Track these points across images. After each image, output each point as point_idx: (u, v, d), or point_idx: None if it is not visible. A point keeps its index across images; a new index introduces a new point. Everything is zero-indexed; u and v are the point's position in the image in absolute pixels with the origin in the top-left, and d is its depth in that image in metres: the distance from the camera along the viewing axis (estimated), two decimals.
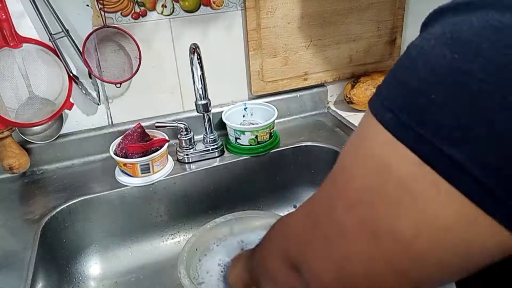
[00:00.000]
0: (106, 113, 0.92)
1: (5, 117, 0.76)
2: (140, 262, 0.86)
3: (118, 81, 0.85)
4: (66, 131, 0.90)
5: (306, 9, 0.95)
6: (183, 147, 0.89)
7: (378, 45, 1.06)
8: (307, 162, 0.94)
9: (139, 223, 0.86)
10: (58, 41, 0.79)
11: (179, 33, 0.89)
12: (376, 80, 1.02)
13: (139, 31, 0.86)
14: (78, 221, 0.80)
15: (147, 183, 0.83)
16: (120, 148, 0.83)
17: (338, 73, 1.05)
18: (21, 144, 0.84)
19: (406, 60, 0.26)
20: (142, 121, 0.90)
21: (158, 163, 0.83)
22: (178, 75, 0.93)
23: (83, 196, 0.80)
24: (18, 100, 0.79)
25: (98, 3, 0.80)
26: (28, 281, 0.61)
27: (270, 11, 0.92)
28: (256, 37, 0.93)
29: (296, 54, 0.99)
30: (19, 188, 0.84)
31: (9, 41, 0.75)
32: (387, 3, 1.01)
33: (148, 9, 0.85)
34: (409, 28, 1.08)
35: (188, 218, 0.91)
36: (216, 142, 0.90)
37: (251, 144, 0.89)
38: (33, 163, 0.87)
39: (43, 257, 0.70)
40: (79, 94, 0.86)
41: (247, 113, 0.98)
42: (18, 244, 0.69)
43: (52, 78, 0.81)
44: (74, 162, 0.90)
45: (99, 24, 0.82)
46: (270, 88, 1.00)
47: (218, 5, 0.89)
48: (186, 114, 0.96)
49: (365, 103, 1.01)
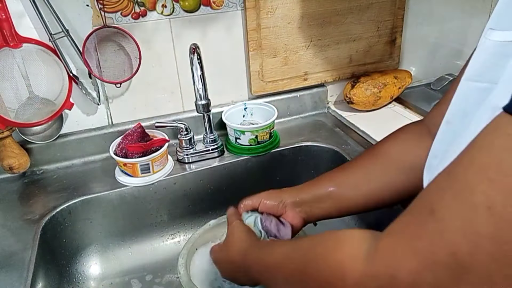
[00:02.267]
0: (106, 113, 0.92)
1: (5, 117, 0.76)
2: (140, 262, 0.86)
3: (118, 81, 0.85)
4: (66, 131, 0.90)
5: (306, 9, 0.95)
6: (183, 147, 0.89)
7: (378, 45, 1.06)
8: (307, 162, 0.94)
9: (139, 223, 0.86)
10: (58, 41, 0.79)
11: (179, 33, 0.89)
12: (376, 80, 1.02)
13: (139, 31, 0.86)
14: (78, 221, 0.80)
15: (147, 183, 0.83)
16: (120, 148, 0.83)
17: (338, 73, 1.05)
18: (21, 144, 0.84)
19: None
20: (142, 121, 0.90)
21: (158, 163, 0.83)
22: (178, 75, 0.93)
23: (83, 196, 0.80)
24: (18, 100, 0.79)
25: (98, 3, 0.80)
26: (28, 281, 0.61)
27: (270, 11, 0.92)
28: (256, 37, 0.93)
29: (296, 54, 0.99)
30: (19, 188, 0.84)
31: (9, 41, 0.75)
32: (387, 3, 1.01)
33: (148, 9, 0.85)
34: (409, 28, 1.08)
35: (188, 218, 0.91)
36: (216, 142, 0.90)
37: (251, 144, 0.89)
38: (33, 163, 0.87)
39: (43, 257, 0.70)
40: (79, 94, 0.86)
41: (247, 113, 0.98)
42: (18, 244, 0.69)
43: (52, 78, 0.81)
44: (74, 162, 0.90)
45: (99, 24, 0.82)
46: (270, 88, 1.00)
47: (218, 5, 0.89)
48: (186, 114, 0.96)
49: (365, 103, 1.01)
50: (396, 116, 1.03)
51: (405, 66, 1.13)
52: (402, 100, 1.08)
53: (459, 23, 1.13)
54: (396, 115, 1.03)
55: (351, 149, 0.90)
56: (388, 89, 1.02)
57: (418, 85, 1.15)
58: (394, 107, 1.07)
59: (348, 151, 0.90)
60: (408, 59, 1.13)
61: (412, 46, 1.11)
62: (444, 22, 1.12)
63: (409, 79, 1.08)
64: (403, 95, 1.08)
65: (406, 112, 1.03)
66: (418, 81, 1.16)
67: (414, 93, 1.11)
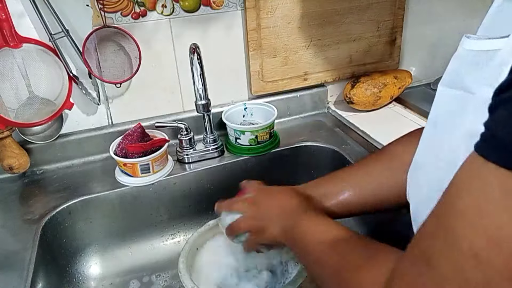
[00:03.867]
0: (106, 113, 0.92)
1: (5, 117, 0.76)
2: (140, 262, 0.86)
3: (118, 81, 0.85)
4: (66, 131, 0.90)
5: (306, 9, 0.95)
6: (183, 147, 0.89)
7: (378, 45, 1.06)
8: (307, 162, 0.94)
9: (139, 223, 0.86)
10: (58, 41, 0.79)
11: (179, 33, 0.89)
12: (376, 80, 1.02)
13: (139, 31, 0.86)
14: (78, 221, 0.80)
15: (147, 183, 0.83)
16: (120, 148, 0.83)
17: (338, 73, 1.05)
18: (21, 144, 0.84)
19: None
20: (142, 121, 0.90)
21: (158, 163, 0.83)
22: (178, 75, 0.93)
23: (83, 196, 0.80)
24: (18, 100, 0.79)
25: (98, 3, 0.80)
26: (28, 281, 0.61)
27: (270, 11, 0.92)
28: (256, 37, 0.93)
29: (296, 54, 0.99)
30: (19, 188, 0.84)
31: (9, 41, 0.75)
32: (387, 3, 1.01)
33: (148, 9, 0.85)
34: (409, 28, 1.08)
35: (188, 218, 0.91)
36: (216, 142, 0.90)
37: (251, 144, 0.89)
38: (33, 163, 0.87)
39: (43, 257, 0.70)
40: (79, 94, 0.86)
41: (247, 113, 0.98)
42: (18, 244, 0.69)
43: (52, 78, 0.81)
44: (74, 162, 0.90)
45: (99, 24, 0.82)
46: (270, 88, 1.00)
47: (218, 5, 0.89)
48: (186, 114, 0.96)
49: (365, 103, 1.01)
50: (396, 116, 1.03)
51: (405, 66, 1.13)
52: (402, 100, 1.08)
53: (459, 23, 1.13)
54: (396, 115, 1.03)
55: (351, 149, 0.90)
56: (388, 89, 1.02)
57: (418, 85, 1.15)
58: (394, 107, 1.07)
59: (348, 151, 0.90)
60: (408, 59, 1.13)
61: (412, 46, 1.11)
62: (444, 22, 1.12)
63: (409, 79, 1.08)
64: (403, 95, 1.08)
65: (406, 112, 1.03)
66: (418, 81, 1.16)
67: (414, 93, 1.11)
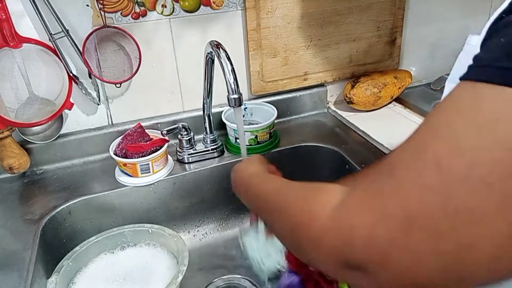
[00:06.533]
0: (106, 113, 0.92)
1: (5, 117, 0.76)
2: None
3: (118, 81, 0.85)
4: (66, 131, 0.90)
5: (306, 9, 0.95)
6: (183, 147, 0.89)
7: (378, 45, 1.06)
8: (307, 162, 0.94)
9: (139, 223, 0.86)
10: (58, 41, 0.79)
11: (179, 33, 0.89)
12: (376, 80, 1.02)
13: (139, 31, 0.86)
14: (78, 221, 0.80)
15: (147, 183, 0.83)
16: (120, 148, 0.83)
17: (338, 73, 1.05)
18: (21, 144, 0.84)
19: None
20: (142, 121, 0.90)
21: (158, 163, 0.83)
22: (178, 75, 0.93)
23: (83, 196, 0.80)
24: (18, 100, 0.79)
25: (98, 3, 0.80)
26: (28, 281, 0.61)
27: (270, 11, 0.92)
28: (256, 37, 0.93)
29: (296, 54, 0.99)
30: (19, 188, 0.84)
31: (9, 41, 0.75)
32: (387, 3, 1.01)
33: (148, 9, 0.85)
34: (409, 28, 1.08)
35: (188, 218, 0.90)
36: (216, 142, 0.90)
37: (251, 144, 0.89)
38: (33, 163, 0.87)
39: (43, 257, 0.70)
40: (79, 94, 0.86)
41: (247, 113, 0.98)
42: (18, 244, 0.69)
43: (52, 78, 0.81)
44: (74, 162, 0.90)
45: (99, 24, 0.82)
46: (270, 88, 1.00)
47: (218, 5, 0.89)
48: (186, 114, 0.96)
49: (365, 103, 1.01)
50: (396, 116, 1.03)
51: (405, 66, 1.13)
52: (402, 100, 1.08)
53: (459, 23, 1.13)
54: (396, 115, 1.03)
55: (351, 149, 0.90)
56: (388, 89, 1.02)
57: (418, 85, 1.15)
58: (394, 107, 1.07)
59: (348, 151, 0.90)
60: (408, 59, 1.13)
61: (412, 46, 1.11)
62: (444, 22, 1.12)
63: (409, 79, 1.08)
64: (403, 95, 1.08)
65: (406, 112, 1.03)
66: (418, 81, 1.16)
67: (414, 93, 1.11)
